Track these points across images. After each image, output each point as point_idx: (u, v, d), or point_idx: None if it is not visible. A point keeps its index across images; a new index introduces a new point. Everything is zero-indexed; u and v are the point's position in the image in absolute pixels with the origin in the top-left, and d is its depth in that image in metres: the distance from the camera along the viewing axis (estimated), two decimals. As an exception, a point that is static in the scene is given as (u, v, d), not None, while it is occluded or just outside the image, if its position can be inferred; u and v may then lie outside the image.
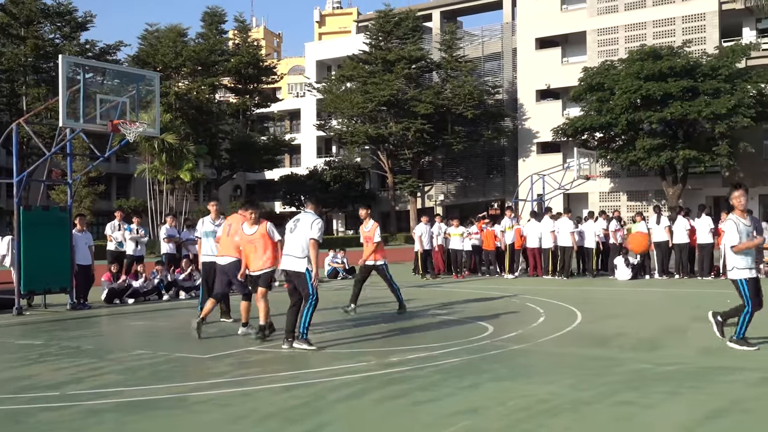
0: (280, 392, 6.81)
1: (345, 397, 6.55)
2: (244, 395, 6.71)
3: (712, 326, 8.90)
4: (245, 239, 9.81)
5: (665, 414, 5.81)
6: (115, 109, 14.37)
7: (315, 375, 7.47)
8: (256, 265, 9.78)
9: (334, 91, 56.89)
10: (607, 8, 50.34)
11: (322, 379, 7.28)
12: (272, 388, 6.96)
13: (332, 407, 6.24)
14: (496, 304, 13.53)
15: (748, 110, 38.53)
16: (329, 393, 6.70)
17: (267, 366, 8.10)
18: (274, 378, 7.41)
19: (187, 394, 6.80)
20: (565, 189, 36.58)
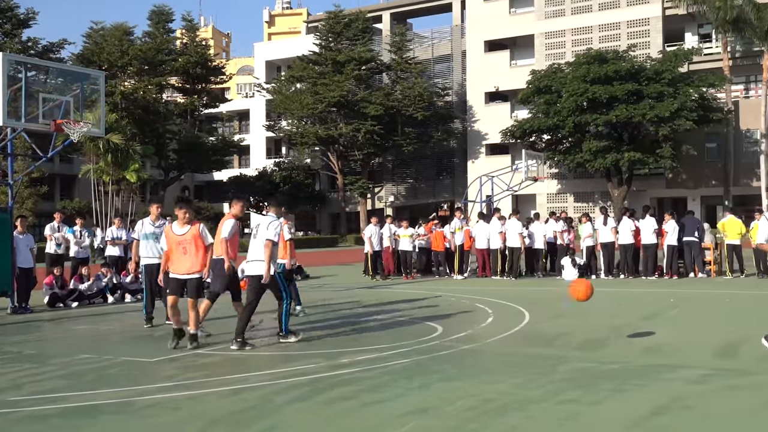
0: (229, 395, 6.74)
1: (294, 400, 6.51)
2: (192, 399, 6.63)
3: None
4: (174, 240, 9.22)
5: (610, 411, 5.91)
6: (58, 109, 14.08)
7: (264, 378, 7.41)
8: (183, 268, 9.17)
9: (284, 91, 56.60)
10: (554, 12, 51.08)
11: (271, 381, 7.23)
12: (220, 392, 6.89)
13: (281, 410, 6.20)
14: (445, 305, 13.60)
15: (690, 114, 39.45)
16: (278, 396, 6.66)
17: (215, 369, 8.01)
18: (222, 381, 7.33)
19: (133, 398, 6.69)
20: (513, 190, 36.99)
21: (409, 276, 20.97)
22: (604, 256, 19.79)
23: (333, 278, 21.89)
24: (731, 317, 11.48)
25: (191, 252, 9.16)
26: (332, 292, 16.89)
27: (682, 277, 18.99)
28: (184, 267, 9.16)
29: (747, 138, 45.63)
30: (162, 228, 11.10)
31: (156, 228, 11.38)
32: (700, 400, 6.16)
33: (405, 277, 20.89)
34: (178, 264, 9.20)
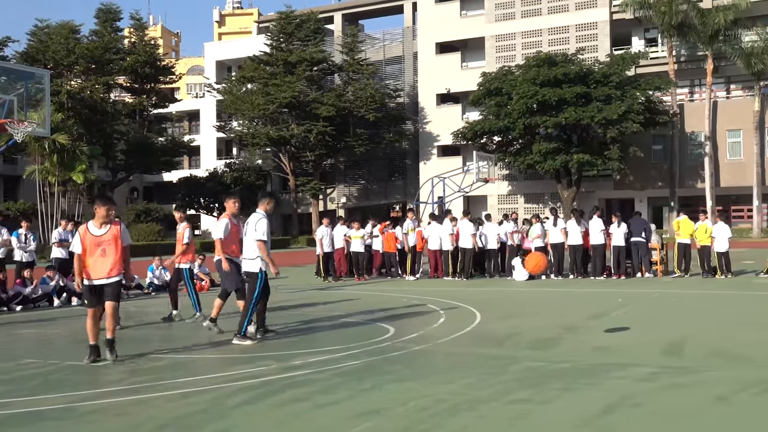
0: (177, 399, 6.62)
1: (244, 402, 6.43)
2: (139, 403, 6.50)
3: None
4: (93, 241, 8.38)
5: (560, 410, 5.97)
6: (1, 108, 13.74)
7: (213, 381, 7.31)
8: (102, 272, 8.35)
9: (235, 92, 56.07)
10: (504, 15, 51.56)
11: (221, 384, 7.14)
12: (169, 395, 6.77)
13: (231, 413, 6.11)
14: (397, 306, 13.61)
15: (637, 116, 40.16)
16: (228, 398, 6.57)
17: (163, 372, 7.87)
18: (170, 385, 7.21)
19: (77, 403, 6.53)
20: (464, 191, 37.29)
21: (361, 277, 20.94)
22: (554, 257, 20.03)
23: (285, 280, 21.73)
24: (677, 316, 11.71)
25: (110, 254, 8.43)
26: (284, 294, 16.77)
27: (629, 277, 19.33)
28: (104, 271, 8.37)
29: (692, 140, 46.66)
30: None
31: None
32: (648, 398, 6.25)
33: (357, 279, 20.85)
34: (97, 268, 8.36)
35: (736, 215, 46.50)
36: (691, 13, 43.76)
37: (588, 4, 49.06)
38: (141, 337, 10.55)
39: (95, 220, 8.51)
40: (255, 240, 9.61)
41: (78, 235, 8.49)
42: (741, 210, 46.59)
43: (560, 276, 19.71)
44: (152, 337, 10.59)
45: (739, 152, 45.64)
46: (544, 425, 5.58)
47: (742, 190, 45.12)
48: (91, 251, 8.39)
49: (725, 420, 5.58)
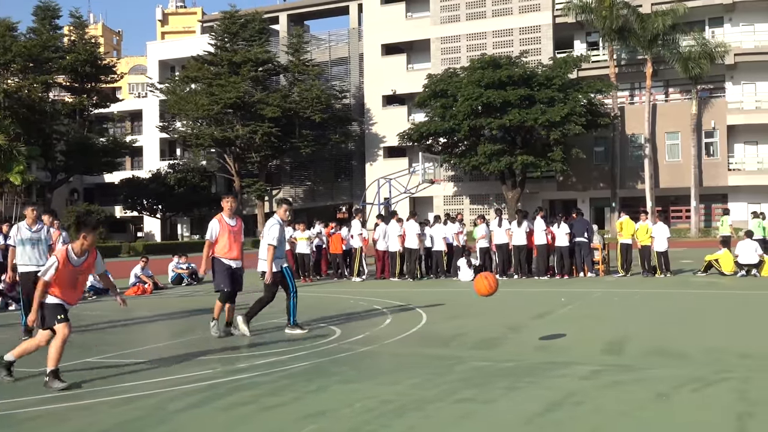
0: (120, 404, 6.50)
1: (188, 406, 6.35)
2: (81, 409, 6.36)
3: None
4: (73, 271, 7.51)
5: (505, 409, 6.03)
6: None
7: (157, 385, 7.19)
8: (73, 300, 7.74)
9: (178, 92, 55.32)
10: (449, 17, 51.95)
11: (165, 388, 7.02)
12: (111, 401, 6.63)
13: (175, 417, 6.02)
14: (343, 307, 13.59)
15: (579, 118, 40.90)
16: (172, 403, 6.47)
17: (106, 378, 7.71)
18: (113, 390, 7.07)
19: (16, 410, 6.36)
20: (410, 193, 37.42)
21: (307, 278, 20.85)
22: (498, 257, 20.24)
23: (230, 282, 21.50)
24: (618, 315, 11.93)
25: (83, 282, 7.97)
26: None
27: (572, 276, 19.64)
28: (75, 298, 7.78)
29: (632, 142, 47.70)
30: (40, 233, 10.59)
31: (33, 233, 10.64)
32: (590, 396, 6.36)
33: (303, 280, 20.75)
34: (69, 295, 7.62)
35: (674, 216, 47.69)
36: (631, 17, 44.73)
37: (531, 8, 49.75)
38: (83, 342, 10.32)
39: (76, 244, 7.51)
40: (266, 244, 10.33)
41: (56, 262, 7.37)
42: (679, 210, 47.78)
43: (505, 276, 19.91)
44: (95, 341, 10.37)
45: (678, 154, 46.82)
46: (489, 424, 5.63)
47: (680, 191, 46.31)
48: (67, 281, 7.50)
49: (665, 416, 5.71)
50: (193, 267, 21.80)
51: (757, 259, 18.51)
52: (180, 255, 22.29)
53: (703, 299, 14.09)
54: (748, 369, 7.29)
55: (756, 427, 5.33)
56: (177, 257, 21.91)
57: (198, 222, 64.58)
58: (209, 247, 10.34)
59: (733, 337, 9.28)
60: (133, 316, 13.05)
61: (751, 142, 47.59)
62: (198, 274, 21.71)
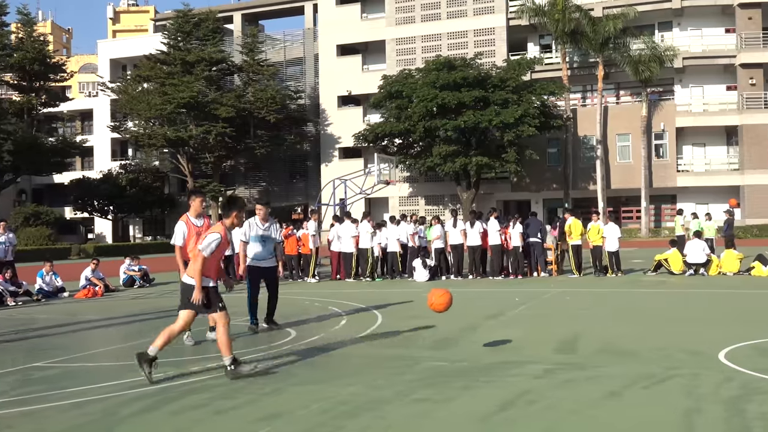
0: (69, 409, 6.36)
1: (140, 411, 6.25)
2: (27, 415, 6.21)
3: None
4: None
5: (460, 408, 6.06)
6: None
7: (107, 389, 7.07)
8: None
9: (130, 91, 54.50)
10: (405, 19, 52.09)
11: (116, 393, 6.90)
12: (60, 406, 6.49)
13: (125, 422, 5.92)
14: (298, 309, 13.53)
15: (533, 120, 41.33)
16: (123, 407, 6.36)
17: (54, 383, 7.55)
18: (61, 395, 6.91)
19: (-40, 417, 6.19)
20: (366, 193, 37.44)
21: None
22: (453, 258, 20.34)
23: (183, 284, 21.25)
24: (571, 314, 12.08)
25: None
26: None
27: (526, 276, 19.83)
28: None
29: (584, 144, 48.39)
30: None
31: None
32: (543, 394, 6.43)
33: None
34: (215, 275, 7.75)
35: (625, 216, 48.53)
36: (583, 21, 45.39)
37: (485, 10, 50.16)
38: (31, 345, 10.11)
39: (228, 223, 7.72)
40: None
41: (219, 238, 7.47)
42: (630, 211, 48.62)
43: (460, 276, 20.03)
44: (43, 345, 10.16)
45: (628, 155, 47.63)
46: (444, 423, 5.65)
47: (631, 191, 47.12)
48: (218, 258, 7.78)
49: (616, 414, 5.80)
50: (145, 269, 21.50)
51: (704, 258, 18.92)
52: (132, 257, 21.97)
53: (653, 298, 14.35)
54: (697, 366, 7.44)
55: (703, 422, 5.44)
56: (129, 259, 21.59)
57: (151, 223, 63.75)
58: (181, 252, 9.28)
59: (681, 335, 9.46)
60: (84, 319, 12.82)
61: (699, 144, 48.68)
62: (149, 275, 21.49)
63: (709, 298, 14.08)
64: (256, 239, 10.79)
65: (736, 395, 6.19)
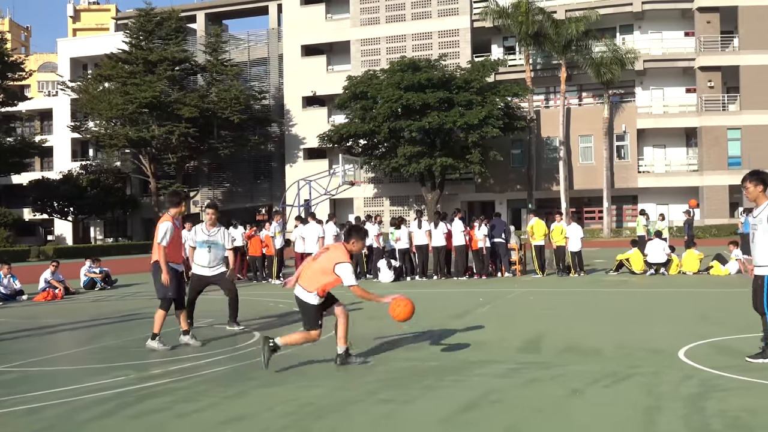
0: (24, 415, 6.22)
1: (99, 415, 6.13)
2: (-17, 420, 6.07)
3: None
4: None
5: (424, 408, 6.05)
6: None
7: (65, 394, 6.93)
8: None
9: (91, 91, 53.71)
10: (369, 20, 52.11)
11: (74, 397, 6.77)
12: (14, 411, 6.34)
13: (83, 427, 5.80)
14: (263, 311, 13.44)
15: (497, 121, 41.58)
16: (80, 412, 6.24)
17: (11, 387, 7.38)
18: (17, 400, 6.76)
19: None
20: (331, 194, 37.37)
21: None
22: (418, 258, 20.38)
23: (146, 286, 21.00)
24: (534, 313, 12.16)
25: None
26: (145, 300, 16.21)
27: (490, 277, 19.93)
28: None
29: (547, 145, 48.82)
30: None
31: None
32: (507, 394, 6.45)
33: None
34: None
35: (588, 216, 49.05)
36: (546, 23, 45.79)
37: (450, 12, 50.38)
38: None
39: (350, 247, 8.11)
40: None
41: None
42: (593, 212, 49.16)
43: (424, 277, 20.07)
44: (1, 349, 9.95)
45: (591, 157, 48.16)
46: (408, 424, 5.64)
47: (593, 192, 47.65)
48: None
49: (580, 411, 5.84)
50: (106, 271, 21.21)
51: (665, 258, 19.18)
52: (93, 259, 21.65)
53: (614, 297, 14.52)
54: (657, 364, 7.53)
55: (663, 420, 5.50)
56: (89, 261, 21.27)
57: (112, 225, 62.92)
58: (164, 251, 9.27)
59: (642, 334, 9.57)
60: (43, 323, 12.59)
61: (660, 146, 49.43)
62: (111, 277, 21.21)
63: (670, 297, 14.27)
64: (202, 245, 10.61)
65: (696, 393, 6.28)
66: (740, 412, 5.63)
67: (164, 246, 9.24)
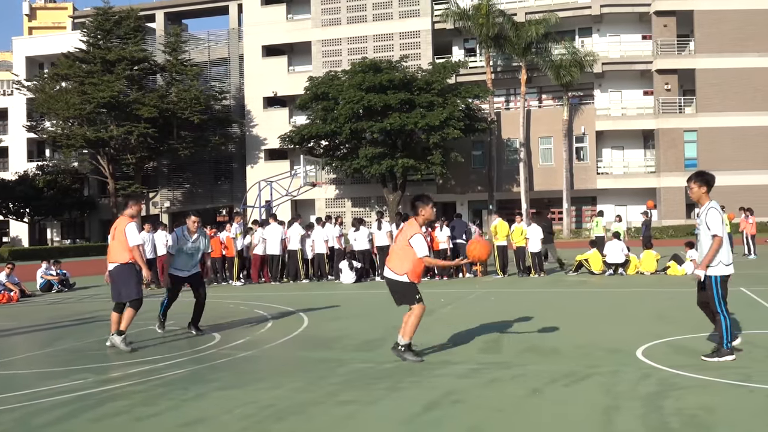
0: (-20, 420, 6.11)
1: (56, 420, 6.03)
2: (-65, 427, 5.93)
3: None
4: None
5: (386, 409, 6.06)
6: None
7: (21, 398, 6.80)
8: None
9: (48, 90, 52.80)
10: (330, 20, 52.01)
11: (31, 401, 6.65)
12: (-30, 417, 6.22)
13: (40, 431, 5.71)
14: (223, 312, 13.33)
15: (458, 123, 41.78)
16: (38, 416, 6.13)
17: (-36, 392, 7.23)
18: (-28, 405, 6.63)
19: None
20: (292, 195, 37.23)
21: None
22: (379, 259, 20.37)
23: (104, 288, 20.71)
24: (496, 314, 12.24)
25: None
26: (103, 303, 15.98)
27: (451, 277, 20.01)
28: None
29: (508, 146, 49.18)
30: None
31: None
32: (468, 394, 6.49)
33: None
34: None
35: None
36: (507, 25, 46.14)
37: (411, 14, 50.51)
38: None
39: (420, 219, 8.39)
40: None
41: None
42: (552, 212, 49.62)
43: (386, 278, 20.05)
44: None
45: (551, 158, 48.63)
46: (370, 425, 5.64)
47: (553, 193, 48.13)
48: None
49: (539, 411, 5.89)
50: (64, 273, 20.87)
51: (623, 258, 19.44)
52: (50, 261, 21.28)
53: (574, 297, 14.68)
54: (616, 363, 7.63)
55: (622, 419, 5.57)
56: (46, 263, 20.92)
57: (70, 226, 61.92)
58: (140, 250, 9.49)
59: (601, 333, 9.69)
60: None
61: (618, 147, 50.12)
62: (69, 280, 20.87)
63: (628, 297, 14.47)
64: (184, 251, 10.50)
65: (654, 392, 6.37)
66: (697, 410, 5.73)
67: (139, 245, 9.45)
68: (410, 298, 8.14)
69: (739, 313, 11.20)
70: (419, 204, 8.25)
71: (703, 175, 7.85)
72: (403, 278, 8.12)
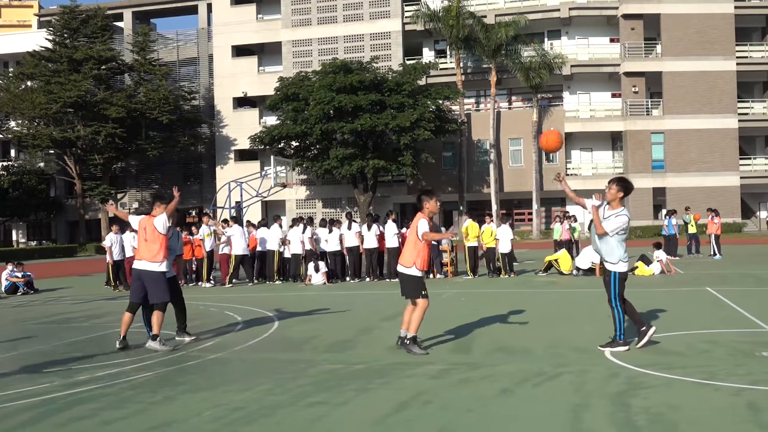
0: (-57, 425, 6.00)
1: (21, 424, 5.93)
2: None
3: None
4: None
5: (356, 410, 6.06)
6: None
7: (-14, 402, 6.70)
8: None
9: (13, 89, 52.07)
10: (301, 21, 51.88)
11: (-5, 405, 6.55)
12: (-68, 421, 6.11)
13: (6, 436, 5.63)
14: (192, 314, 13.19)
15: (428, 124, 41.91)
16: (4, 420, 6.02)
17: (-73, 396, 7.10)
18: (-65, 409, 6.51)
19: None
20: (262, 196, 37.04)
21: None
22: (349, 260, 20.36)
23: (71, 290, 20.48)
24: (466, 314, 12.28)
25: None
26: (70, 305, 15.79)
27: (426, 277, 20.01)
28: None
29: (478, 148, 49.42)
30: None
31: None
32: (438, 394, 6.50)
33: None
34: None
35: (518, 218, 49.82)
36: (477, 27, 46.37)
37: (381, 15, 50.55)
38: None
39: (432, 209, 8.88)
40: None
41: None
42: (522, 213, 49.98)
43: (357, 278, 20.06)
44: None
45: (520, 159, 48.96)
46: (340, 426, 5.63)
47: (523, 194, 48.45)
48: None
49: (510, 410, 5.93)
50: (29, 276, 20.57)
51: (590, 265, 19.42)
52: (15, 263, 20.97)
53: (544, 297, 14.78)
54: (585, 363, 7.70)
55: (590, 417, 5.62)
56: (11, 265, 20.60)
57: (36, 227, 61.05)
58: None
59: (570, 333, 9.77)
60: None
61: (587, 149, 50.62)
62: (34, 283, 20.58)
63: (597, 297, 14.55)
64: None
65: (622, 390, 6.44)
66: (663, 408, 5.80)
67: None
68: (417, 293, 8.62)
69: (704, 313, 11.37)
70: (424, 198, 8.72)
71: (625, 182, 8.45)
72: (413, 270, 8.65)
